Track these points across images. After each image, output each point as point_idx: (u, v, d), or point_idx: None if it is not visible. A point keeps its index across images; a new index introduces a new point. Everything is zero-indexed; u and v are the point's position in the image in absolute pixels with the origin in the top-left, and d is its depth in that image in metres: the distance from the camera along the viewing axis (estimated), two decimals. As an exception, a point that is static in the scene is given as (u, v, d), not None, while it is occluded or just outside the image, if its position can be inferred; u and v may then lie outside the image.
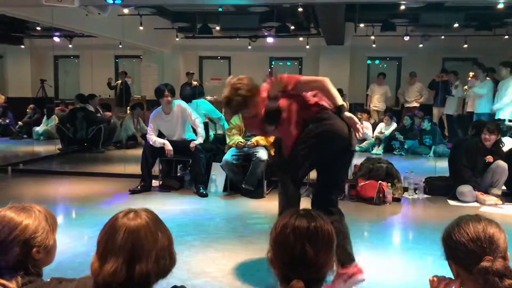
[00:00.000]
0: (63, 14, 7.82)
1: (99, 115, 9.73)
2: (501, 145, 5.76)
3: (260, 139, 5.72)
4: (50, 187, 6.35)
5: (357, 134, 3.08)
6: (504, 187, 5.69)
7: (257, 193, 5.69)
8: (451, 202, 5.56)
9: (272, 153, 5.85)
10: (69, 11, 7.20)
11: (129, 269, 1.36)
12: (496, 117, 7.65)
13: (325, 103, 3.15)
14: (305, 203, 3.10)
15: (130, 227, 1.41)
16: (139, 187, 5.88)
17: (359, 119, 9.85)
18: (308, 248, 1.41)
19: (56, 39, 11.34)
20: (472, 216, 1.57)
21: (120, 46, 10.37)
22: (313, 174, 3.39)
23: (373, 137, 9.64)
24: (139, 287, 1.37)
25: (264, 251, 1.52)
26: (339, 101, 3.12)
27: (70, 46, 11.97)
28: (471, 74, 9.41)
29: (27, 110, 11.69)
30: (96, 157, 8.92)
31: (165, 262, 1.42)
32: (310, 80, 3.23)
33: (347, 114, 3.10)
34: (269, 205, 5.39)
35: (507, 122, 7.54)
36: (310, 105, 3.13)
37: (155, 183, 6.11)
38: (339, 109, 3.09)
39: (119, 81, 11.34)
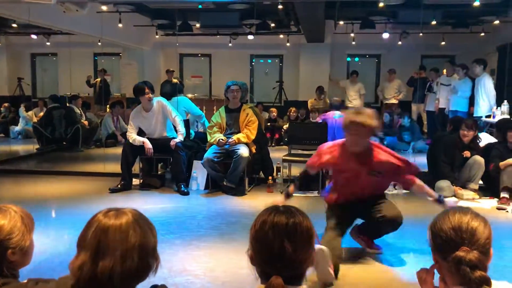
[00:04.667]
0: (40, 11, 7.68)
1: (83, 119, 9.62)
2: (478, 141, 5.87)
3: (241, 136, 5.72)
4: (29, 187, 6.25)
5: None
6: (481, 182, 5.79)
7: (238, 191, 5.69)
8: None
9: (254, 150, 5.86)
10: (46, 7, 7.08)
11: (93, 265, 1.35)
12: (475, 115, 7.78)
13: None
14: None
15: (101, 225, 1.40)
16: (119, 186, 5.82)
17: (339, 116, 9.96)
18: (286, 245, 1.41)
19: (33, 36, 11.16)
20: (463, 208, 1.60)
21: (99, 43, 10.24)
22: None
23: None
24: (103, 285, 1.35)
25: (246, 248, 1.53)
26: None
27: (47, 43, 11.79)
28: (444, 71, 9.58)
29: (1, 108, 11.49)
30: (75, 156, 8.81)
31: (131, 263, 1.37)
32: None
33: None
34: (251, 202, 5.40)
35: (483, 118, 7.68)
36: None
37: (135, 181, 6.06)
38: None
39: (98, 79, 11.21)
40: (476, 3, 7.20)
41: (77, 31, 9.68)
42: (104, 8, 8.35)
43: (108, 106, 10.63)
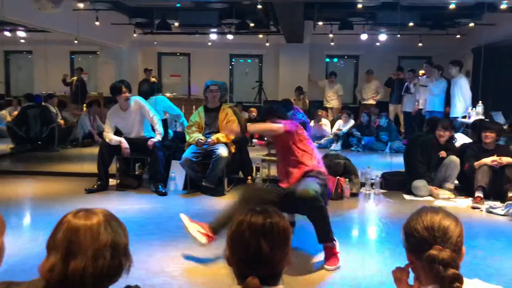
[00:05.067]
0: (15, 7, 7.52)
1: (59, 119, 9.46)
2: (453, 141, 5.97)
3: (220, 136, 5.69)
4: (2, 188, 6.10)
5: None
6: (456, 182, 5.89)
7: (217, 191, 5.66)
8: (406, 196, 5.71)
9: (233, 150, 5.84)
10: (21, 3, 6.94)
11: (64, 265, 1.34)
12: (452, 115, 7.92)
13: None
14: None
15: (72, 224, 1.39)
16: (95, 186, 5.73)
17: (319, 116, 10.05)
18: (263, 245, 1.41)
19: (7, 33, 10.93)
20: (435, 207, 1.63)
21: (76, 41, 10.09)
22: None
23: (331, 134, 9.79)
24: (75, 286, 1.33)
25: (224, 249, 1.52)
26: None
27: (22, 41, 11.55)
28: (421, 72, 9.73)
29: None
30: (51, 156, 8.65)
31: (103, 262, 1.36)
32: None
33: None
34: (230, 202, 5.37)
35: (459, 119, 7.82)
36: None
37: (112, 182, 5.97)
38: None
39: (75, 78, 11.03)
40: (452, 6, 7.34)
41: (53, 29, 9.52)
42: (80, 5, 8.23)
43: (84, 105, 10.47)
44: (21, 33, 11.28)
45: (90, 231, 1.38)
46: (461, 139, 6.49)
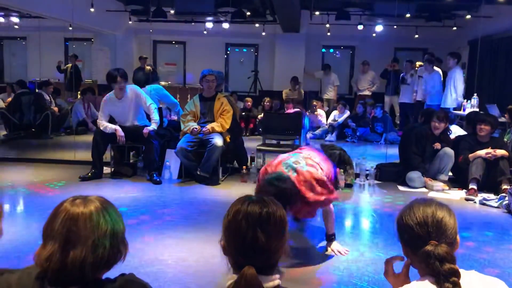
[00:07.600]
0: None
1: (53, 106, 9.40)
2: (448, 133, 5.98)
3: (215, 125, 5.67)
4: (-5, 174, 6.08)
5: None
6: (450, 173, 5.91)
7: (212, 180, 5.66)
8: (400, 187, 5.73)
9: (228, 139, 5.83)
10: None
11: (63, 255, 1.32)
12: (442, 106, 7.93)
13: None
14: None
15: (70, 213, 1.37)
16: (89, 174, 5.71)
17: (314, 107, 10.03)
18: (259, 234, 1.40)
19: (1, 19, 10.81)
20: (426, 199, 1.61)
21: (70, 28, 9.99)
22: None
23: (326, 125, 9.79)
24: (73, 275, 1.33)
25: (219, 238, 1.51)
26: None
27: (16, 27, 11.44)
28: (417, 64, 9.72)
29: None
30: (45, 143, 8.61)
31: (103, 251, 1.36)
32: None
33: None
34: (224, 191, 5.39)
35: (453, 111, 7.84)
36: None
37: (106, 170, 5.95)
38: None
39: (69, 65, 10.95)
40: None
41: (48, 15, 9.42)
42: (75, -9, 8.12)
43: (79, 92, 10.41)
44: (15, 19, 11.17)
45: (90, 220, 1.36)
46: (455, 131, 6.50)
